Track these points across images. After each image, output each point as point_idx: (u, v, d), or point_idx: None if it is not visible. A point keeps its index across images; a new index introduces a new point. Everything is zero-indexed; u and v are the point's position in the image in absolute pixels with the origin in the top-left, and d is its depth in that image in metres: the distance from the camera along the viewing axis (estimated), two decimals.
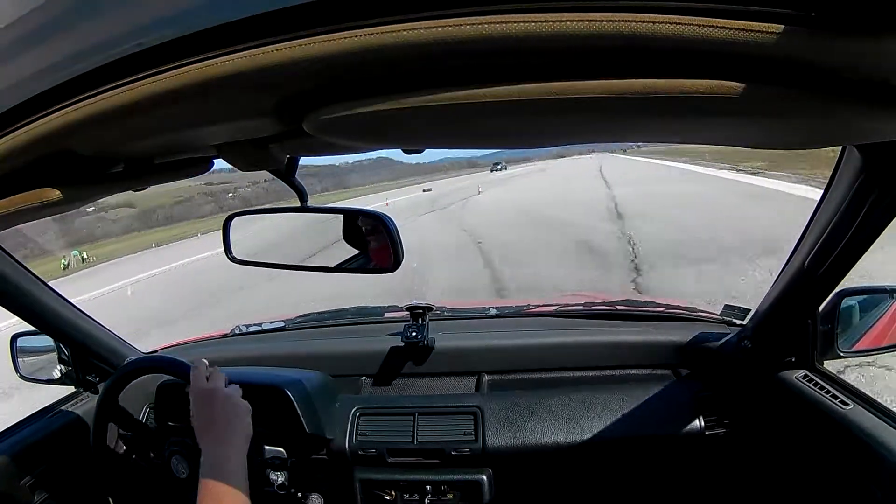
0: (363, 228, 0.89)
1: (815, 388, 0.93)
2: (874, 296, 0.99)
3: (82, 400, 1.26)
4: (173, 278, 11.24)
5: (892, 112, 0.32)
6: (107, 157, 0.52)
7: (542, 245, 7.96)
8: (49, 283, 1.10)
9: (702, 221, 8.28)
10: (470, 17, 0.28)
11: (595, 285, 5.38)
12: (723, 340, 1.17)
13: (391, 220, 0.82)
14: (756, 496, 1.09)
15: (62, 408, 1.23)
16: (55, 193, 0.48)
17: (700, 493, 1.15)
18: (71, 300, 1.17)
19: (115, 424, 1.11)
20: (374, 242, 0.88)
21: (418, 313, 1.31)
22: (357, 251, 0.90)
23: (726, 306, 1.28)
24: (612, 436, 1.10)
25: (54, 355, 1.25)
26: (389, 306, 1.61)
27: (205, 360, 0.90)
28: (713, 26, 0.27)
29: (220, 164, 0.64)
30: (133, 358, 1.26)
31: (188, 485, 1.02)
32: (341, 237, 0.90)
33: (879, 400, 0.88)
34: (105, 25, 0.34)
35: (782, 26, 0.27)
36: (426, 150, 0.55)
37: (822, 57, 0.28)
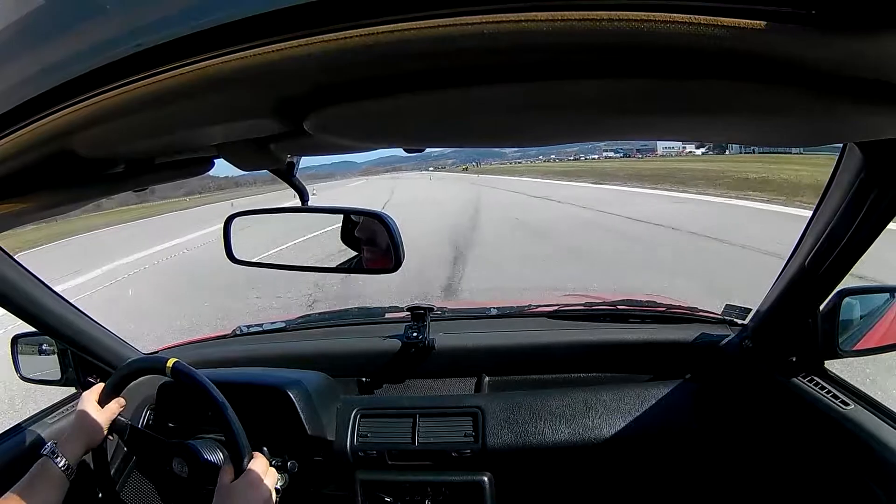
0: (364, 229, 0.89)
1: (816, 388, 0.93)
2: (875, 295, 0.98)
3: None
4: None
5: (892, 109, 0.32)
6: (107, 157, 0.52)
7: None
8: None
9: None
10: (471, 16, 0.28)
11: None
12: (724, 340, 1.17)
13: (392, 220, 0.82)
14: (757, 496, 1.08)
15: (63, 409, 1.23)
16: (57, 194, 0.48)
17: (701, 493, 1.15)
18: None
19: (114, 425, 1.11)
20: (374, 242, 0.88)
21: (419, 314, 1.31)
22: (358, 251, 0.90)
23: (727, 306, 1.28)
24: (612, 436, 1.10)
25: (55, 356, 1.25)
26: (390, 307, 1.61)
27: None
28: (711, 25, 0.27)
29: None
30: (133, 358, 1.26)
31: (188, 485, 1.02)
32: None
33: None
34: (104, 26, 0.34)
35: (782, 24, 0.27)
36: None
37: (821, 55, 0.28)
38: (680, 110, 0.34)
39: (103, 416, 1.02)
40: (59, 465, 0.91)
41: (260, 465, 0.89)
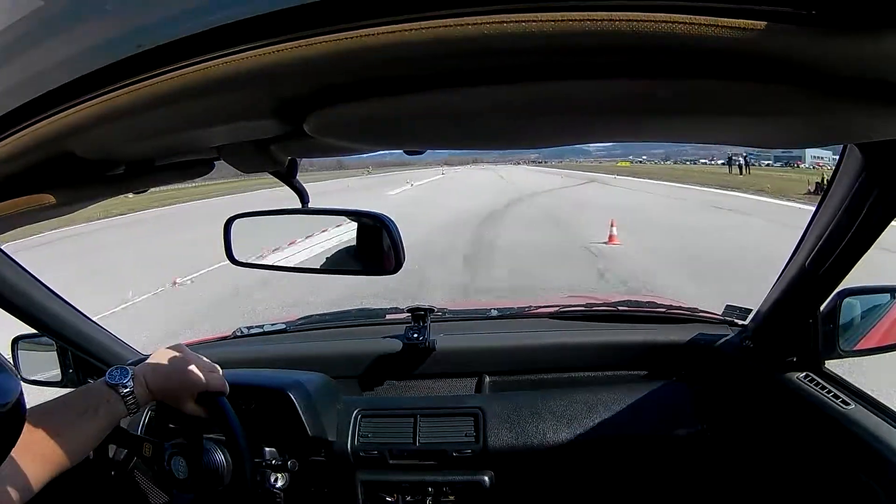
0: (364, 230, 0.89)
1: (817, 389, 0.93)
2: (875, 295, 0.98)
3: None
4: None
5: (893, 110, 0.32)
6: (107, 159, 0.52)
7: None
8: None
9: None
10: (471, 17, 0.28)
11: None
12: (724, 341, 1.17)
13: (392, 222, 0.82)
14: (758, 496, 1.08)
15: None
16: (56, 196, 0.49)
17: (702, 494, 1.15)
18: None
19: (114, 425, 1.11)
20: (374, 244, 0.87)
21: (420, 315, 1.31)
22: (357, 252, 0.90)
23: (727, 306, 1.28)
24: (613, 436, 1.10)
25: (55, 357, 1.25)
26: (391, 308, 1.61)
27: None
28: (713, 25, 0.27)
29: None
30: (133, 360, 1.26)
31: (188, 486, 1.02)
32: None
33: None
34: (105, 27, 0.34)
35: (783, 25, 0.27)
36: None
37: (822, 55, 0.28)
38: (680, 111, 0.34)
39: (199, 378, 0.88)
40: (127, 401, 0.79)
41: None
